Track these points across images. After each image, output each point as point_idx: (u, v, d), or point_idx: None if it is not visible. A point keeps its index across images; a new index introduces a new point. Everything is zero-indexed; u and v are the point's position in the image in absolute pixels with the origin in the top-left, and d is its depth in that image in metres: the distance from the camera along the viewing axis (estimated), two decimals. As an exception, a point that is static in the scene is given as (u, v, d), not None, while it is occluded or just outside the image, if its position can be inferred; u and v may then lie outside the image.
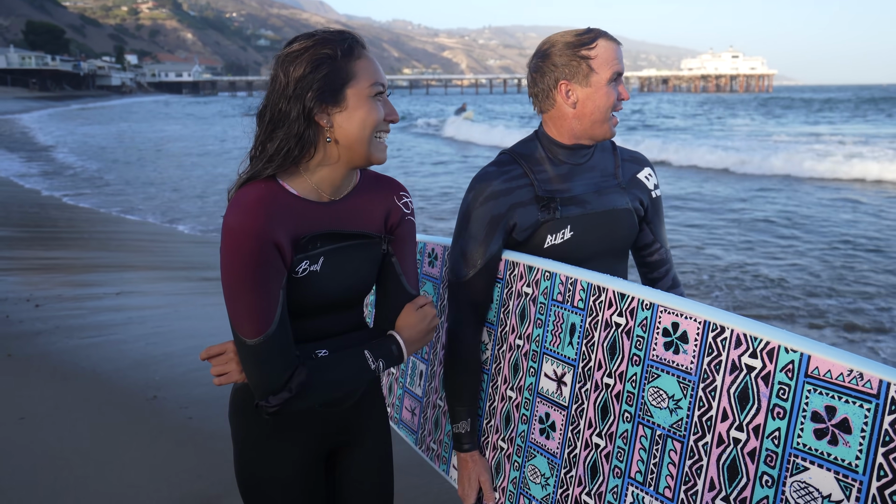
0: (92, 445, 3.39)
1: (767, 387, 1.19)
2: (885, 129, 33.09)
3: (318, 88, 1.33)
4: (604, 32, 1.65)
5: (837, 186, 14.76)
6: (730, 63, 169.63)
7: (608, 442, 1.47)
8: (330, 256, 1.43)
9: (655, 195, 1.83)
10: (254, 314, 1.30)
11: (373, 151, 1.41)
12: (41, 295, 6.06)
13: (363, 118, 1.37)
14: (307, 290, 1.40)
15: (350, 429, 1.61)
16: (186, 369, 4.38)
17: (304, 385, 1.34)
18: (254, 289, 1.30)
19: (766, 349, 1.20)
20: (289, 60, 1.35)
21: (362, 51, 1.40)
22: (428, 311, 1.55)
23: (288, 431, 1.51)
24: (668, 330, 1.36)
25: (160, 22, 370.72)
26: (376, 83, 1.39)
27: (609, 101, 1.64)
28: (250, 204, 1.32)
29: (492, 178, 1.68)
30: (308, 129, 1.35)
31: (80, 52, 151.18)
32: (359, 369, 1.43)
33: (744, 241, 9.21)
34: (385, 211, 1.53)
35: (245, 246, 1.29)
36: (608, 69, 1.62)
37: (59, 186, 14.62)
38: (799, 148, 22.17)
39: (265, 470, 1.51)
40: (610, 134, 1.70)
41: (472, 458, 1.76)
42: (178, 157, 21.89)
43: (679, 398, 1.33)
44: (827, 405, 1.11)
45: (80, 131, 33.78)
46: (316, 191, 1.43)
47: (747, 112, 52.10)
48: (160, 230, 10.21)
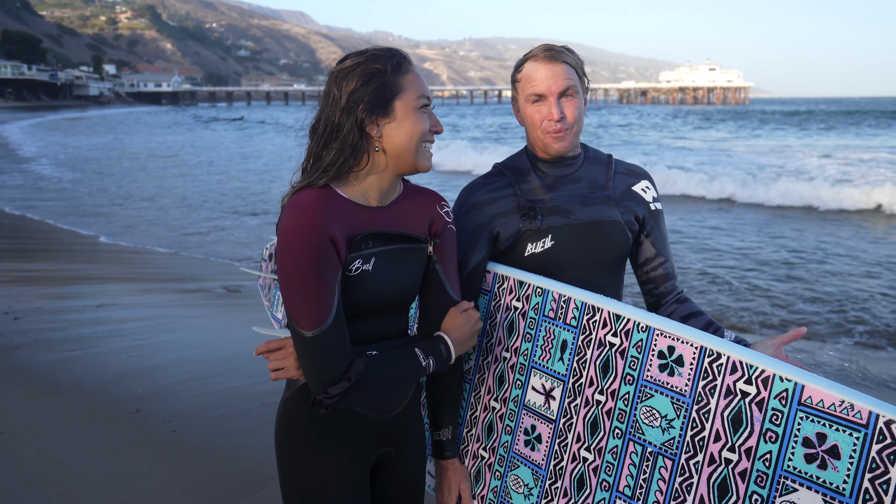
0: (74, 461, 3.34)
1: (761, 412, 1.24)
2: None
3: (370, 101, 1.43)
4: (537, 53, 1.71)
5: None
6: (707, 75, 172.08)
7: (597, 456, 1.49)
8: (381, 257, 1.49)
9: (655, 208, 1.83)
10: (312, 306, 1.36)
11: (419, 159, 1.50)
12: (20, 308, 5.97)
13: (410, 128, 1.47)
14: (359, 290, 1.46)
15: (395, 440, 1.63)
16: (169, 382, 4.34)
17: (362, 374, 1.37)
18: (311, 282, 1.36)
19: (761, 377, 1.25)
20: (342, 76, 1.45)
21: (409, 66, 1.50)
22: (473, 314, 1.61)
23: (338, 442, 1.53)
24: (663, 353, 1.40)
25: (139, 32, 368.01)
26: (422, 96, 1.49)
27: (531, 120, 1.72)
28: (306, 204, 1.40)
29: (476, 189, 1.76)
30: (361, 139, 1.45)
31: (57, 62, 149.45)
32: (411, 366, 1.48)
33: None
34: (429, 218, 1.61)
35: (303, 241, 1.36)
36: (521, 91, 1.73)
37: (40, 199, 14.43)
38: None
39: (314, 481, 1.52)
40: (553, 151, 1.73)
41: (452, 466, 1.77)
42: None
43: (672, 418, 1.36)
44: (818, 432, 1.17)
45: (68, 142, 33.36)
46: (364, 196, 1.51)
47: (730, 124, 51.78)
48: (139, 242, 10.12)
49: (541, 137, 1.72)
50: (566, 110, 1.68)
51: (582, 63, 1.75)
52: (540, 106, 1.70)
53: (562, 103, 1.68)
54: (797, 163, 22.79)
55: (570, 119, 1.69)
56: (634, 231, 1.81)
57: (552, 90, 1.67)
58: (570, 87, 1.68)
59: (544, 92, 1.68)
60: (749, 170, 19.49)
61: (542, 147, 1.73)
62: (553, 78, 1.67)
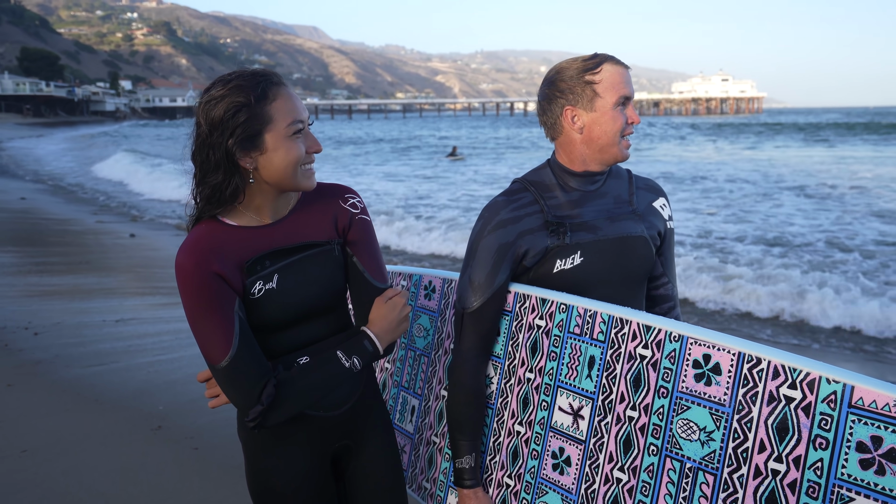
0: (98, 480, 3.33)
1: (808, 418, 1.18)
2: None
3: (237, 136, 1.39)
4: (610, 57, 1.65)
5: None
6: (720, 86, 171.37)
7: (632, 476, 1.44)
8: (284, 272, 1.50)
9: (669, 226, 1.81)
10: (214, 340, 1.40)
11: (299, 182, 1.48)
12: (40, 323, 6.02)
13: (284, 158, 1.43)
14: (271, 307, 1.49)
15: (351, 433, 1.67)
16: (190, 398, 4.33)
17: (272, 396, 1.42)
18: (207, 317, 1.40)
19: (805, 380, 1.19)
20: (209, 107, 1.41)
21: (278, 90, 1.43)
22: (397, 301, 1.61)
23: (290, 440, 1.58)
24: (698, 362, 1.35)
25: (154, 48, 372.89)
26: (294, 122, 1.44)
27: (616, 125, 1.64)
28: (188, 245, 1.44)
29: (500, 208, 1.69)
30: (234, 175, 1.43)
31: (75, 78, 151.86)
32: (333, 370, 1.50)
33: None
34: (332, 217, 1.60)
35: (190, 281, 1.41)
36: (614, 93, 1.62)
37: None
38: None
39: (273, 479, 1.58)
40: (622, 157, 1.69)
41: (475, 495, 1.72)
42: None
43: (711, 430, 1.31)
44: (873, 435, 1.10)
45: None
46: (255, 218, 1.51)
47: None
48: (159, 252, 10.17)
49: (614, 144, 1.66)
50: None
51: None
52: (625, 109, 1.65)
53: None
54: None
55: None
56: (657, 247, 1.78)
57: (632, 95, 1.65)
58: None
59: (630, 95, 1.64)
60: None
61: (609, 157, 1.68)
62: (630, 83, 1.65)
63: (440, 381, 1.93)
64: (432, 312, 1.98)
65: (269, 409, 1.42)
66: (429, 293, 2.01)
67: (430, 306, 1.99)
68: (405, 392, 2.06)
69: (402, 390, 2.07)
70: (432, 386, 1.95)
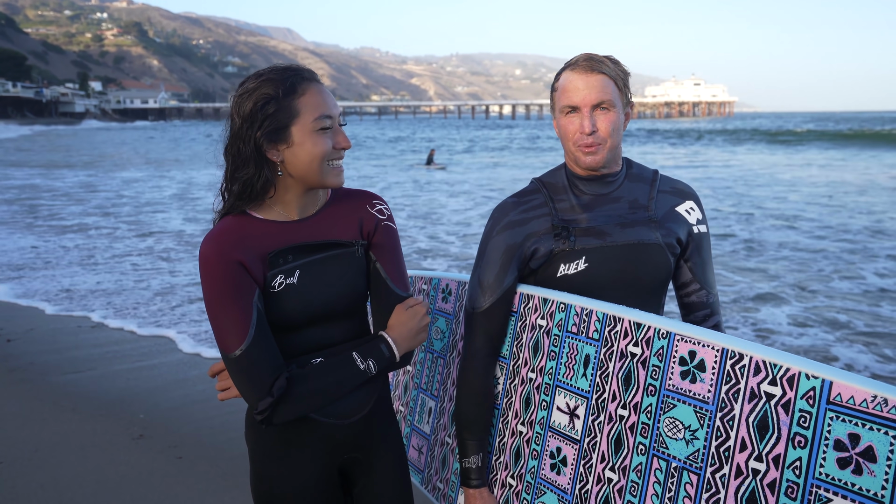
0: (78, 493, 3.25)
1: (788, 415, 1.17)
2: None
3: (265, 128, 1.42)
4: (577, 62, 1.63)
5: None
6: (692, 90, 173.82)
7: (621, 476, 1.44)
8: (306, 269, 1.50)
9: (698, 231, 1.73)
10: (230, 328, 1.40)
11: (326, 178, 1.49)
12: (12, 329, 5.92)
13: (310, 152, 1.45)
14: (290, 303, 1.48)
15: (362, 445, 1.63)
16: (171, 406, 4.28)
17: (283, 389, 1.40)
18: (226, 305, 1.40)
19: (785, 376, 1.18)
20: (241, 101, 1.44)
21: (307, 85, 1.46)
22: (418, 309, 1.59)
23: (299, 445, 1.55)
24: (684, 358, 1.34)
25: (125, 48, 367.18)
26: (321, 116, 1.45)
27: (569, 130, 1.63)
28: (213, 234, 1.45)
29: (509, 209, 1.70)
30: (264, 167, 1.45)
31: (43, 79, 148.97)
32: (348, 372, 1.49)
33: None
34: (358, 220, 1.59)
35: (212, 269, 1.41)
36: (562, 100, 1.63)
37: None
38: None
39: (279, 484, 1.55)
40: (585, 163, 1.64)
41: (480, 495, 1.73)
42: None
43: (695, 428, 1.32)
44: (850, 433, 1.09)
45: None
46: (283, 213, 1.52)
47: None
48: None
49: (573, 150, 1.65)
50: (599, 124, 1.60)
51: (625, 75, 1.65)
52: (573, 118, 1.63)
53: (595, 116, 1.60)
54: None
55: (602, 133, 1.60)
56: (676, 254, 1.71)
57: (586, 102, 1.60)
58: (605, 100, 1.60)
59: (578, 104, 1.60)
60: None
61: (574, 160, 1.66)
62: (588, 89, 1.60)
63: (454, 382, 1.94)
64: (449, 315, 2.00)
65: (278, 403, 1.40)
66: (445, 296, 2.02)
67: (447, 309, 2.01)
68: (423, 393, 2.08)
69: (422, 392, 2.10)
70: (447, 387, 1.97)
